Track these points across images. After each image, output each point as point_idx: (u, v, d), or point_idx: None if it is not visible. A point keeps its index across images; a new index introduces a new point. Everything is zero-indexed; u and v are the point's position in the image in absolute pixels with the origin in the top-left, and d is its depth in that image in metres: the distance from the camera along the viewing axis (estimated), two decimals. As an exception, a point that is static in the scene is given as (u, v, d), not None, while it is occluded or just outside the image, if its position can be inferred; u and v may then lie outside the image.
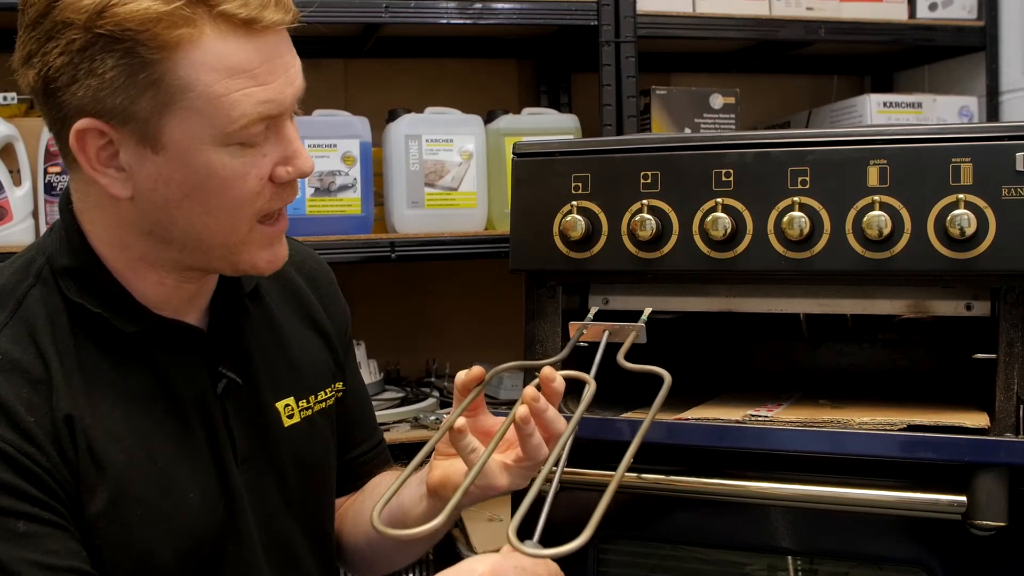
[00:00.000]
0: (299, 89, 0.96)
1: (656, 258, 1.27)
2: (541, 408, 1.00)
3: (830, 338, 1.54)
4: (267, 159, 0.95)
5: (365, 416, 1.27)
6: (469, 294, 2.29)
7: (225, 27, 0.89)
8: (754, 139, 1.26)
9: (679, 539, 1.32)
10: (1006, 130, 1.16)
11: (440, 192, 1.88)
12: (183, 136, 0.91)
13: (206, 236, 0.96)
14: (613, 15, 1.92)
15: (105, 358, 0.97)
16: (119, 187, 0.93)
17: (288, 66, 0.94)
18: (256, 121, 0.91)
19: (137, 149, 0.92)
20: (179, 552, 0.97)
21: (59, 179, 1.69)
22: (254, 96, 0.91)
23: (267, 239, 0.99)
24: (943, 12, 2.16)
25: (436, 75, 2.26)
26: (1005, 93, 2.19)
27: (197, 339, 1.03)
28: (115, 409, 0.96)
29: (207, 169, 0.92)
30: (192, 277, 1.02)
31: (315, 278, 1.21)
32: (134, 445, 0.96)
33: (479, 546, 1.84)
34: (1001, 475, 1.11)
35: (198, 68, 0.89)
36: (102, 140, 0.92)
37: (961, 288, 1.23)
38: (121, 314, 0.98)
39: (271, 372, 1.10)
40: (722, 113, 2.01)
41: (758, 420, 1.25)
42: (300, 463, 1.10)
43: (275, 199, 0.97)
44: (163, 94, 0.89)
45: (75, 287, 0.98)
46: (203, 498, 1.00)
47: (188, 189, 0.93)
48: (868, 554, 1.22)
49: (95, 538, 0.93)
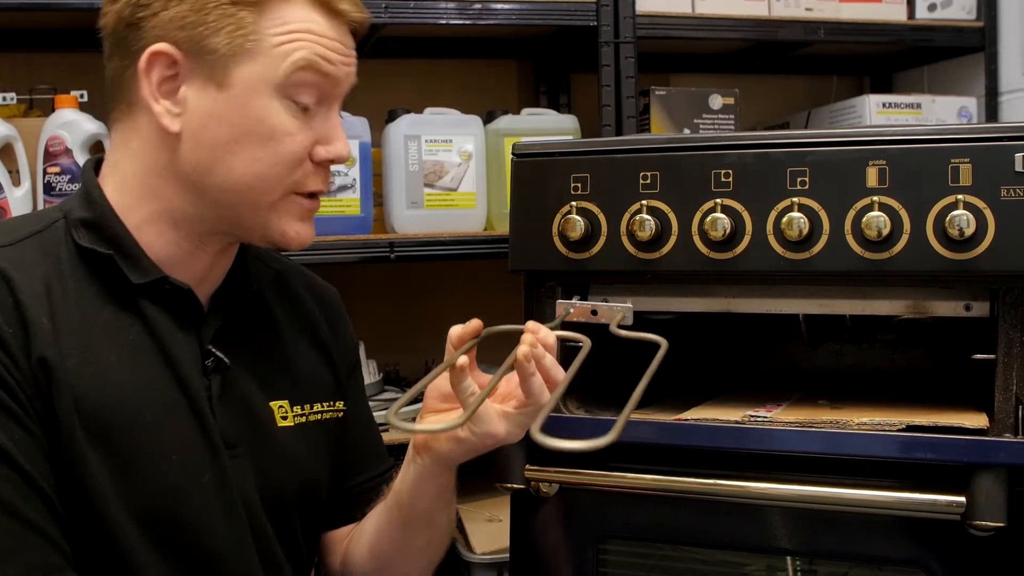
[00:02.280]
0: (352, 78, 1.04)
1: (655, 259, 1.27)
2: (539, 354, 0.98)
3: (829, 338, 1.55)
4: (312, 132, 1.01)
5: (371, 446, 1.26)
6: (468, 294, 2.29)
7: (312, 1, 1.00)
8: (753, 140, 1.26)
9: (678, 539, 1.32)
10: (1005, 131, 1.16)
11: (439, 192, 1.88)
12: (248, 77, 0.97)
13: (240, 189, 1.00)
14: (612, 16, 1.92)
15: (106, 306, 1.00)
16: (170, 119, 0.98)
17: (348, 54, 1.03)
18: (309, 67, 0.99)
19: (201, 83, 0.98)
20: (148, 514, 0.97)
21: (58, 179, 1.69)
22: (314, 49, 0.99)
23: (300, 212, 1.03)
24: (942, 13, 2.16)
25: (435, 75, 2.26)
26: (1004, 94, 2.19)
27: (196, 311, 1.05)
28: (110, 357, 0.98)
29: (261, 114, 0.98)
30: (211, 246, 1.04)
31: (325, 301, 1.23)
32: (126, 394, 0.98)
33: (478, 546, 1.84)
34: (1000, 476, 1.11)
35: (277, 20, 0.98)
36: (169, 71, 0.98)
37: (960, 289, 1.23)
38: (130, 262, 1.01)
39: (264, 369, 1.10)
40: (721, 114, 2.01)
41: (757, 420, 1.25)
42: (291, 467, 1.10)
43: (311, 179, 1.02)
44: (240, 35, 0.97)
45: (88, 235, 1.01)
46: (185, 463, 1.00)
47: (238, 132, 0.98)
48: (867, 554, 1.22)
49: (68, 472, 0.94)
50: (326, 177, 1.05)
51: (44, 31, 1.94)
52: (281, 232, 1.03)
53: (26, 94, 1.86)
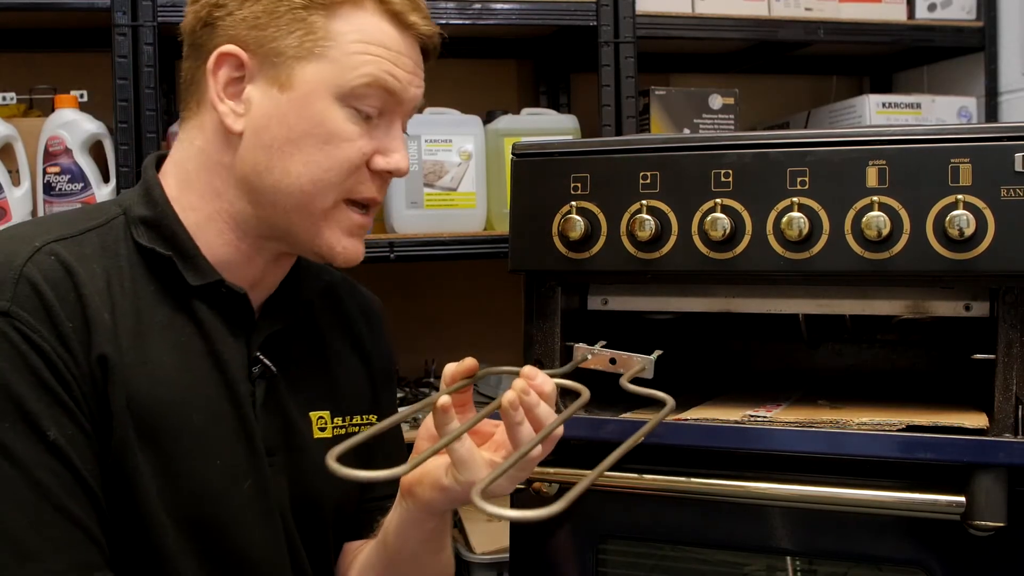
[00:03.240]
0: (418, 97, 1.07)
1: (655, 258, 1.27)
2: (531, 403, 0.91)
3: (829, 338, 1.55)
4: (372, 141, 1.02)
5: (398, 458, 1.23)
6: (468, 294, 2.29)
7: (383, 10, 1.01)
8: (753, 139, 1.26)
9: (678, 539, 1.32)
10: (1005, 131, 1.16)
11: (439, 192, 1.88)
12: (312, 79, 0.99)
13: (294, 192, 1.00)
14: (612, 15, 1.92)
15: (161, 305, 1.00)
16: (233, 119, 1.00)
17: (417, 72, 1.05)
18: (376, 84, 0.99)
19: (266, 85, 1.00)
20: (201, 510, 0.98)
21: (58, 179, 1.69)
22: (382, 65, 1.00)
23: (351, 226, 1.04)
24: (942, 13, 2.16)
25: (435, 75, 2.24)
26: (1004, 94, 2.19)
27: (248, 317, 1.05)
28: (165, 356, 0.99)
29: (320, 117, 0.99)
30: (267, 251, 1.05)
31: (368, 313, 1.24)
32: (176, 395, 0.98)
33: (478, 546, 1.84)
34: (1000, 475, 1.11)
35: (350, 27, 0.99)
36: (237, 72, 1.00)
37: (960, 289, 1.23)
38: (188, 264, 1.01)
39: (308, 379, 1.11)
40: (721, 113, 2.01)
41: (757, 420, 1.25)
42: (326, 478, 1.09)
43: (366, 185, 1.03)
44: (309, 39, 0.98)
45: (148, 234, 1.02)
46: (226, 468, 1.00)
47: (297, 133, 0.99)
48: (867, 554, 1.22)
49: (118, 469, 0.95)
50: (382, 187, 1.05)
51: (44, 31, 1.95)
52: (330, 246, 1.03)
53: (26, 94, 1.86)
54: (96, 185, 1.70)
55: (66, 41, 1.94)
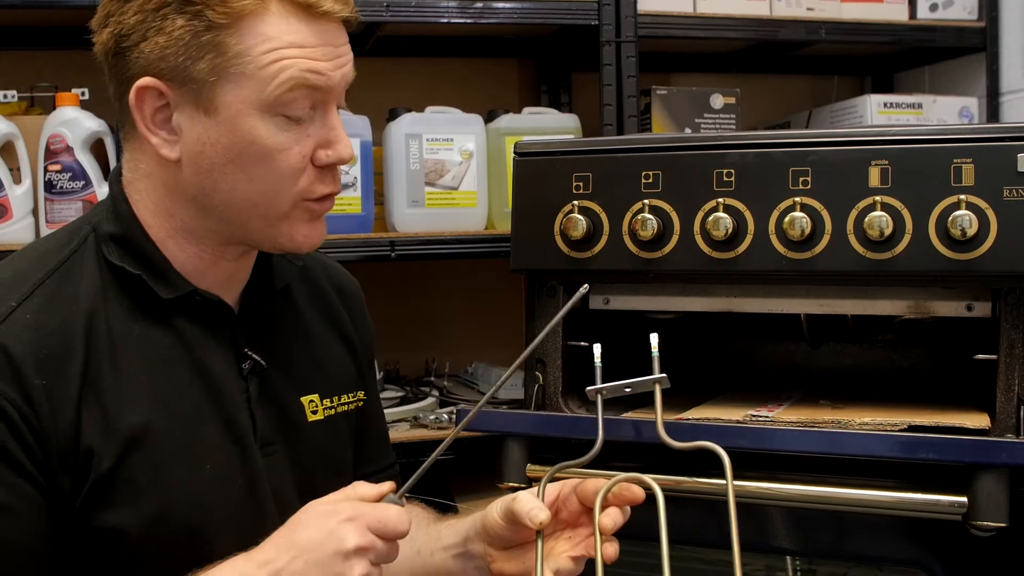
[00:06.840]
0: (348, 75, 1.01)
1: (657, 258, 1.27)
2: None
3: (831, 338, 1.54)
4: (310, 139, 0.99)
5: (381, 437, 1.27)
6: (469, 294, 2.29)
7: (289, 7, 0.96)
8: (755, 139, 1.26)
9: (678, 539, 1.31)
10: (1007, 131, 1.16)
11: (440, 191, 1.88)
12: (234, 100, 0.96)
13: (246, 206, 1.00)
14: (614, 15, 1.92)
15: (136, 323, 1.00)
16: (168, 148, 0.99)
17: (339, 53, 1.00)
18: (298, 87, 0.96)
19: (191, 111, 0.97)
20: (188, 522, 0.98)
21: (59, 177, 1.69)
22: (301, 65, 0.96)
23: (309, 215, 1.02)
24: (943, 13, 2.16)
25: (437, 74, 2.26)
26: (1005, 94, 2.19)
27: (228, 317, 1.06)
28: (140, 374, 0.99)
29: (251, 135, 0.97)
30: (230, 253, 1.05)
31: (345, 291, 1.24)
32: (155, 410, 0.98)
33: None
34: (1002, 476, 1.10)
35: (257, 38, 0.95)
36: (159, 101, 0.98)
37: (962, 289, 1.23)
38: (159, 279, 1.01)
39: (296, 365, 1.12)
40: (722, 113, 2.01)
41: (758, 420, 1.24)
42: (323, 459, 1.11)
43: (318, 184, 1.01)
44: (221, 58, 0.95)
45: (117, 251, 1.01)
46: (216, 472, 1.01)
47: (232, 155, 0.97)
48: (868, 555, 1.22)
49: (104, 497, 0.94)
50: (335, 178, 1.04)
51: (45, 29, 1.94)
52: (290, 238, 1.02)
53: (27, 92, 1.86)
54: (97, 183, 1.70)
55: (67, 39, 1.93)
